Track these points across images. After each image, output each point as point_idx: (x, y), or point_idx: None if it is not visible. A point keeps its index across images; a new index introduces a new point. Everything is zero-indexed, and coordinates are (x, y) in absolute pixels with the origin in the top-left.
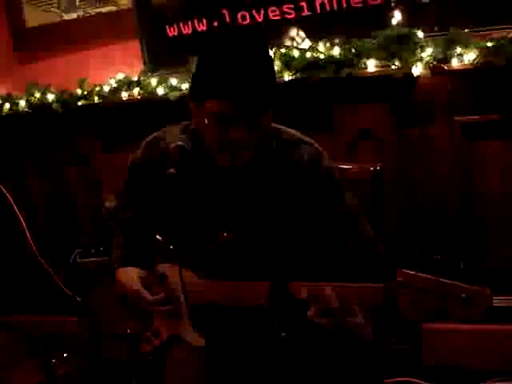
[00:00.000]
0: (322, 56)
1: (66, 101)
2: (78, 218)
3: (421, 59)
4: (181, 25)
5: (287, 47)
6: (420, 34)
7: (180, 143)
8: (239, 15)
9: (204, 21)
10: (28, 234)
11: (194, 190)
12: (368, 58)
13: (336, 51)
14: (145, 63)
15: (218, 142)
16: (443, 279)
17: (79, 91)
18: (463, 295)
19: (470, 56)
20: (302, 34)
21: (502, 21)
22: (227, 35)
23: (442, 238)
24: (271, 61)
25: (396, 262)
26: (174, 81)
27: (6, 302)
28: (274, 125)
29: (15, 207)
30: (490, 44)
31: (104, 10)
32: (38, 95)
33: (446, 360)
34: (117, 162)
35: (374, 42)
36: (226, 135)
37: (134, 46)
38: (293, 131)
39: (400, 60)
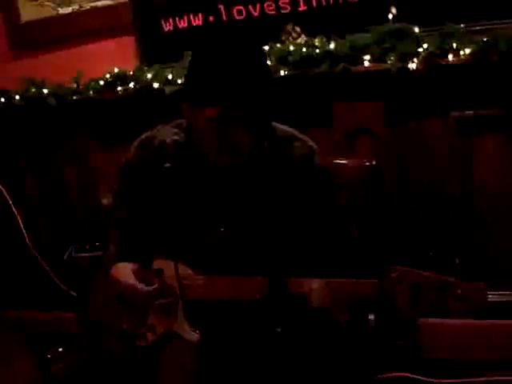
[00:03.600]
0: (317, 51)
1: (62, 95)
2: (73, 213)
3: (417, 54)
4: (176, 19)
5: (283, 42)
6: (416, 29)
7: (175, 138)
8: (235, 10)
9: (200, 15)
10: (25, 233)
11: (189, 186)
12: (364, 53)
13: (332, 46)
14: (140, 57)
15: (217, 144)
16: (438, 275)
17: (74, 85)
18: (458, 291)
19: (466, 51)
20: (297, 28)
21: (496, 15)
22: (223, 37)
23: (438, 233)
24: (266, 62)
25: (390, 257)
26: (169, 75)
27: (2, 297)
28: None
29: (12, 205)
30: (485, 39)
31: (99, 4)
32: (33, 90)
33: (444, 355)
34: (113, 156)
35: (369, 36)
36: (226, 138)
37: (130, 41)
38: (286, 128)
39: (396, 55)
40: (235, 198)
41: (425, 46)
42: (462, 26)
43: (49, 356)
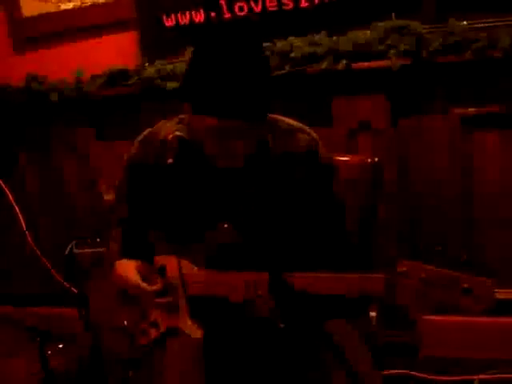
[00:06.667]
0: (319, 48)
1: (63, 91)
2: (73, 210)
3: (419, 51)
4: (178, 15)
5: (285, 38)
6: (419, 25)
7: (178, 133)
8: (236, 6)
9: (201, 11)
10: (25, 228)
11: (192, 181)
12: (366, 50)
13: (334, 43)
14: (142, 53)
15: (217, 151)
16: (445, 269)
17: (76, 81)
18: (465, 285)
19: (468, 47)
20: (299, 25)
21: (500, 12)
22: (223, 40)
23: (443, 228)
24: (267, 67)
25: (395, 253)
26: (171, 71)
27: (2, 294)
28: (270, 114)
29: (13, 202)
30: (488, 36)
31: None
32: (34, 85)
33: (443, 352)
34: (113, 152)
35: (371, 33)
36: (225, 146)
37: (131, 36)
38: (289, 120)
39: (398, 52)
40: (238, 193)
41: (428, 42)
42: (464, 22)
43: (49, 352)
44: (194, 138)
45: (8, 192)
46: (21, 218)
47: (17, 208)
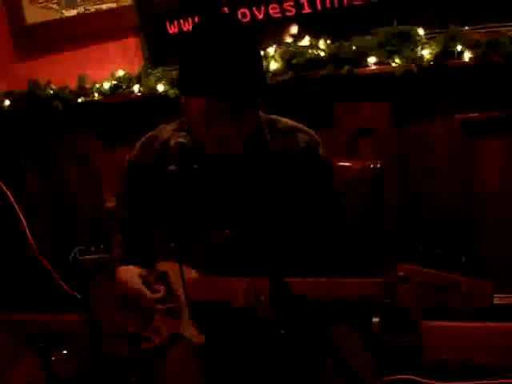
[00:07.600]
0: (322, 53)
1: (66, 98)
2: (77, 215)
3: (421, 56)
4: (181, 21)
5: (288, 45)
6: (420, 31)
7: (180, 140)
8: (239, 12)
9: None
10: (29, 234)
11: (194, 187)
12: (368, 56)
13: (336, 49)
14: (145, 60)
15: (206, 135)
16: (445, 273)
17: (79, 88)
18: (464, 288)
19: (470, 53)
20: (302, 31)
21: (501, 18)
22: (211, 26)
23: (442, 232)
24: (257, 51)
25: (395, 256)
26: (174, 77)
27: (6, 300)
28: (268, 115)
29: (15, 206)
30: (489, 41)
31: (104, 6)
32: (38, 92)
33: (446, 357)
34: (117, 159)
35: (374, 39)
36: (213, 130)
37: (134, 43)
38: (288, 120)
39: (400, 57)
40: (240, 197)
41: (429, 48)
42: (466, 28)
43: (53, 358)
44: (195, 142)
45: (10, 196)
46: (22, 218)
47: (17, 208)
